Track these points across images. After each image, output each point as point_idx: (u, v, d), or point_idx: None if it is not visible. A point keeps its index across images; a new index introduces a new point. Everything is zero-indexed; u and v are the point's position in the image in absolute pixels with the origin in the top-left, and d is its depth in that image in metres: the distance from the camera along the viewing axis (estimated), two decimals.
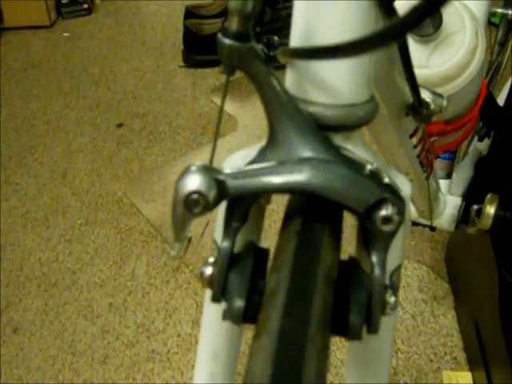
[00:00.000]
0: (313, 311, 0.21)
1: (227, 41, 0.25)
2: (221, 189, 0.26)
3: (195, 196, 0.25)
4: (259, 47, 0.26)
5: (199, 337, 0.37)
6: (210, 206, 0.26)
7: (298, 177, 0.25)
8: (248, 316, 0.27)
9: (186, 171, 0.26)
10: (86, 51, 2.06)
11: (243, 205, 0.28)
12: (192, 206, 0.26)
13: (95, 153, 1.57)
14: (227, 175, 0.26)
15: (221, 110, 0.28)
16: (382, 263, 0.26)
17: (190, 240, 0.29)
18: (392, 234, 0.26)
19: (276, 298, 0.22)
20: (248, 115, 1.66)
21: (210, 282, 0.28)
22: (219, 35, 0.26)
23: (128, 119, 1.70)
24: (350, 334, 0.26)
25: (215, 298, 0.27)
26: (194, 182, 0.25)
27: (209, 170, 0.26)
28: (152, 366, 1.04)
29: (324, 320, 0.22)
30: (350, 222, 0.30)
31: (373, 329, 0.26)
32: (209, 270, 0.28)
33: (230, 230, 0.28)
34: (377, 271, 0.26)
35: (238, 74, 0.28)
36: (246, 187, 0.26)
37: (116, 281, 1.21)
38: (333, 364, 1.04)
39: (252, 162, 0.27)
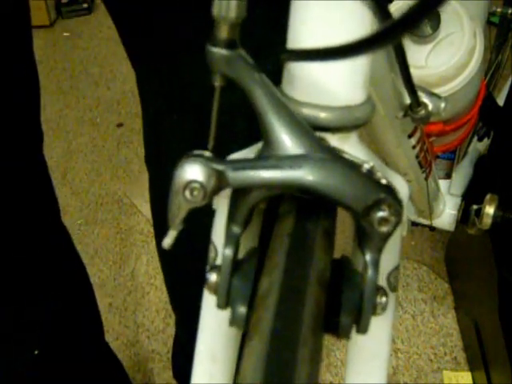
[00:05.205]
0: (305, 313, 0.21)
1: (215, 49, 0.25)
2: (220, 179, 0.25)
3: (194, 185, 0.25)
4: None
5: (197, 337, 0.38)
6: (208, 196, 0.25)
7: (298, 172, 0.25)
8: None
9: (185, 159, 0.26)
10: (85, 51, 2.06)
11: (244, 208, 0.27)
12: (190, 195, 0.25)
13: (95, 153, 1.57)
14: (227, 165, 0.26)
15: (214, 118, 0.28)
16: (376, 263, 0.26)
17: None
18: (388, 235, 0.26)
19: (268, 300, 0.22)
20: None
21: (214, 289, 0.28)
22: (207, 44, 0.25)
23: (128, 119, 1.70)
24: (340, 332, 0.26)
25: (220, 305, 0.27)
26: (193, 171, 0.25)
27: (208, 159, 0.26)
28: (152, 366, 1.04)
29: (316, 322, 0.22)
30: (350, 222, 0.30)
31: (362, 329, 0.26)
32: (213, 277, 0.28)
33: (231, 236, 0.27)
34: (370, 271, 0.26)
35: None
36: (245, 179, 0.26)
37: (116, 281, 1.21)
38: (333, 364, 1.04)
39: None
